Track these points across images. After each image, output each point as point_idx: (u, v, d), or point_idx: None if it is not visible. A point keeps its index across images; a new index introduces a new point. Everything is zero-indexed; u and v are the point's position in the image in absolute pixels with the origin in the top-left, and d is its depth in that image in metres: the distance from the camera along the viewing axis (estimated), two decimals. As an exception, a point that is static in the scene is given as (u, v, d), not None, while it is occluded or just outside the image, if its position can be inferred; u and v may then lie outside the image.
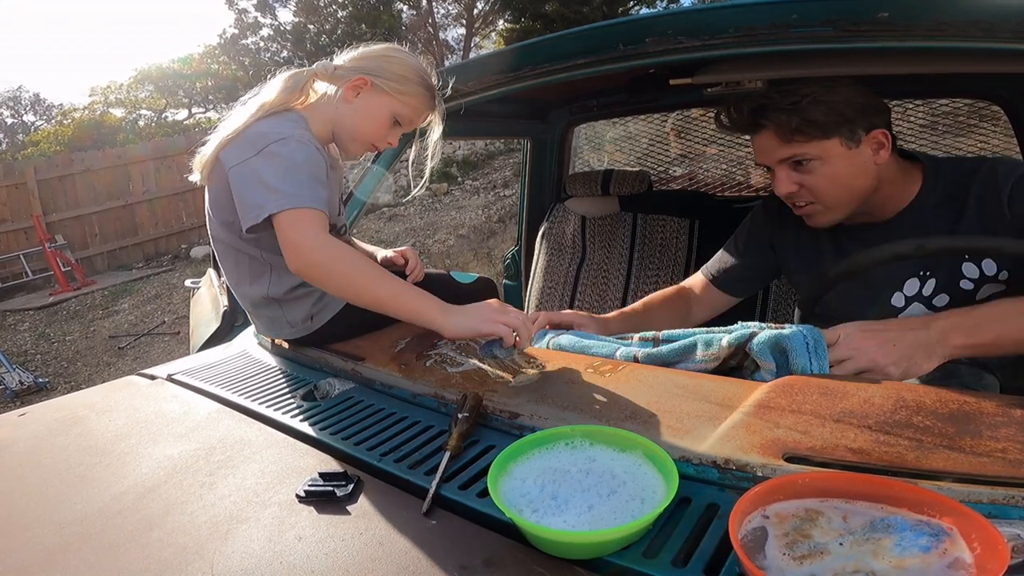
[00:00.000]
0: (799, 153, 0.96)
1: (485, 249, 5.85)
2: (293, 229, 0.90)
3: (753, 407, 0.68)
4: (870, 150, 0.96)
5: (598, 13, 11.25)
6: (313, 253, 0.89)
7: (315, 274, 0.91)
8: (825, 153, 0.95)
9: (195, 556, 0.56)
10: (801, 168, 0.97)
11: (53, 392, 4.33)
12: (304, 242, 0.89)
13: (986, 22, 0.71)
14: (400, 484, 0.66)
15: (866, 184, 0.97)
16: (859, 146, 0.95)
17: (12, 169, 8.10)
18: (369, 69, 1.04)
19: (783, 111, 0.94)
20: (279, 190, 0.90)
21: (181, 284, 6.64)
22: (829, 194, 0.98)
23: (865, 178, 0.97)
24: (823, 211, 1.01)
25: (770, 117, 0.96)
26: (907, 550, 0.44)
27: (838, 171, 0.95)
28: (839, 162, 0.95)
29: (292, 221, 0.90)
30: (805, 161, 0.96)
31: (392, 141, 1.10)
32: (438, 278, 1.33)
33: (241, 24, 14.86)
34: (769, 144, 0.98)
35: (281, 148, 0.93)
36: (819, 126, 0.93)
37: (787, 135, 0.95)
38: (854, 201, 0.99)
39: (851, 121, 0.93)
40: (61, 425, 0.91)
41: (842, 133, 0.94)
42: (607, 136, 2.51)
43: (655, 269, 1.81)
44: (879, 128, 0.95)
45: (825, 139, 0.94)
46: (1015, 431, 0.57)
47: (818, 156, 0.95)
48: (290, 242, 0.90)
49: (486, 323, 0.87)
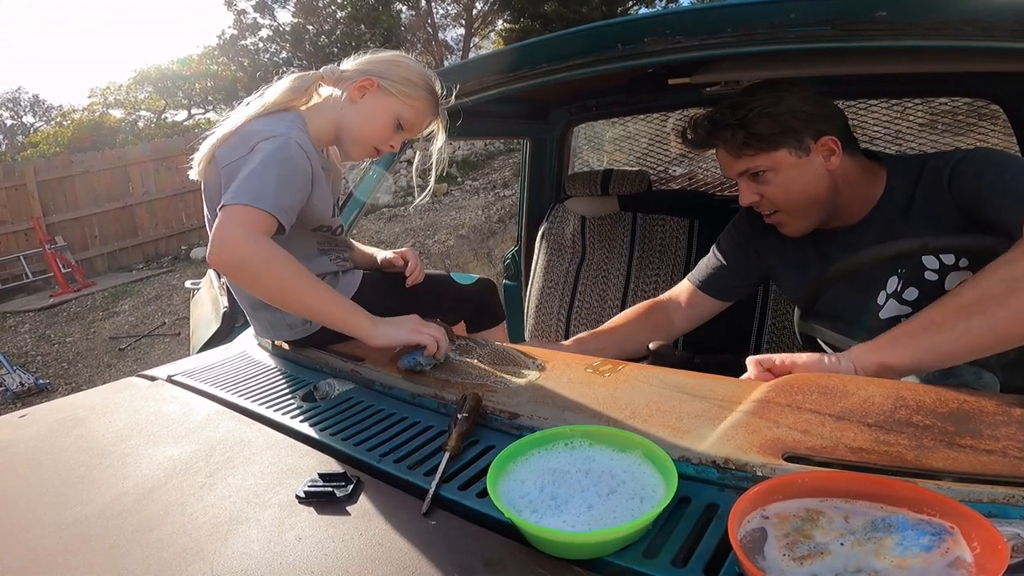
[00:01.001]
0: (751, 166, 1.00)
1: (485, 249, 5.85)
2: (228, 223, 0.86)
3: (753, 406, 0.68)
4: (821, 157, 0.99)
5: (597, 13, 11.25)
6: (242, 250, 0.86)
7: (240, 272, 0.89)
8: (775, 163, 0.98)
9: (195, 557, 0.56)
10: (758, 179, 1.01)
11: (54, 393, 4.34)
12: (234, 238, 0.86)
13: (984, 21, 0.71)
14: (400, 485, 0.66)
15: (822, 190, 1.00)
16: (808, 154, 0.98)
17: (12, 170, 8.10)
18: (376, 71, 1.05)
19: (730, 127, 0.98)
20: (241, 184, 0.89)
21: (181, 285, 6.64)
22: (787, 202, 1.01)
23: (819, 184, 1.00)
24: (789, 220, 1.04)
25: (719, 135, 1.00)
26: (909, 549, 0.44)
27: (791, 180, 0.99)
28: (791, 171, 0.98)
29: (232, 215, 0.87)
30: (760, 172, 1.00)
31: (395, 145, 1.10)
32: (438, 279, 1.33)
33: (240, 25, 14.86)
34: (725, 159, 1.03)
35: (267, 145, 0.93)
36: (765, 139, 0.97)
37: (736, 150, 1.00)
38: (815, 207, 1.02)
39: (797, 131, 0.97)
40: (61, 426, 0.91)
41: (789, 143, 0.97)
42: (607, 136, 2.50)
43: (655, 269, 1.81)
44: (828, 135, 0.98)
45: (773, 150, 0.98)
46: (1015, 430, 0.57)
47: (770, 167, 0.99)
48: (218, 235, 0.86)
49: (411, 333, 0.91)
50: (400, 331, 0.92)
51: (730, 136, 0.99)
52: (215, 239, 0.87)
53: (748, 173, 1.01)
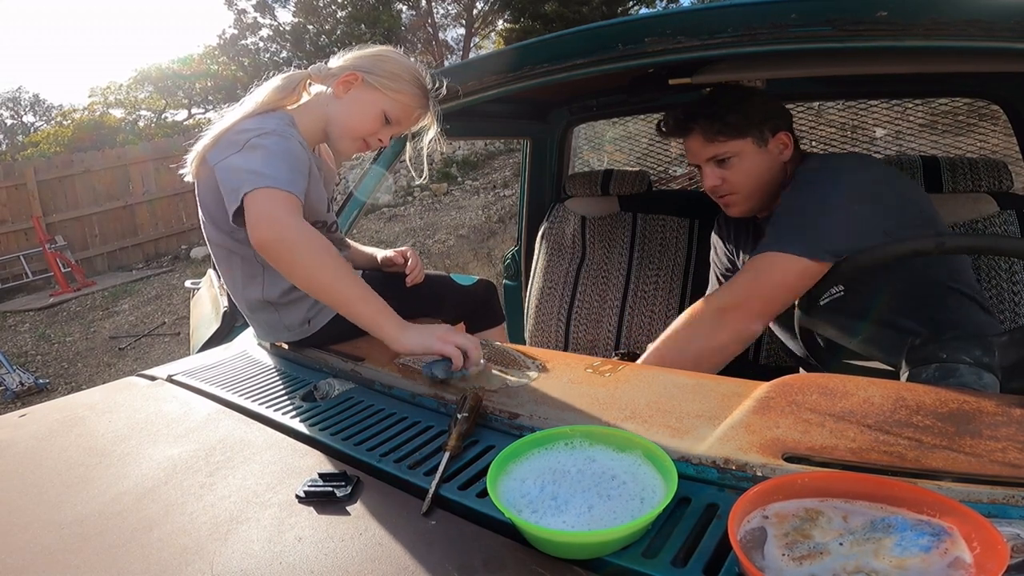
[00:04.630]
0: (721, 152, 1.12)
1: (485, 249, 5.85)
2: (264, 205, 0.86)
3: (753, 407, 0.68)
4: (776, 149, 1.14)
5: (597, 13, 11.24)
6: (285, 229, 0.85)
7: (281, 252, 0.87)
8: (741, 150, 1.12)
9: (195, 556, 0.56)
10: (723, 165, 1.14)
11: (53, 393, 4.33)
12: (276, 216, 0.86)
13: (984, 21, 0.71)
14: (400, 484, 0.66)
15: (774, 178, 1.15)
16: (767, 146, 1.13)
17: (12, 170, 8.09)
18: (361, 66, 1.05)
19: (706, 116, 1.12)
20: (257, 172, 0.89)
21: (181, 285, 6.64)
22: (745, 186, 1.15)
23: (772, 172, 1.14)
24: (739, 200, 1.17)
25: (697, 121, 1.13)
26: (908, 550, 0.44)
27: (752, 166, 1.13)
28: (753, 158, 1.13)
29: (266, 197, 0.87)
30: (727, 159, 1.13)
31: (384, 139, 1.09)
32: (438, 280, 1.33)
33: (240, 24, 14.87)
34: (696, 144, 1.15)
35: (262, 140, 0.93)
36: (735, 127, 1.10)
37: (710, 136, 1.12)
38: (763, 192, 1.16)
39: (760, 124, 1.11)
40: (61, 426, 0.91)
41: (753, 134, 1.11)
42: (607, 136, 2.50)
43: (655, 269, 1.81)
44: (783, 130, 1.14)
45: (741, 139, 1.11)
46: (1015, 431, 0.57)
47: (736, 153, 1.12)
48: (262, 215, 0.86)
49: (438, 342, 0.86)
50: (427, 339, 0.87)
51: (707, 124, 1.11)
52: (257, 220, 0.85)
53: (715, 159, 1.14)
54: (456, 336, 0.87)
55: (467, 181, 8.47)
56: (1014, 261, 1.31)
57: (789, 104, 1.86)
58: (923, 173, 1.35)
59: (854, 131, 1.96)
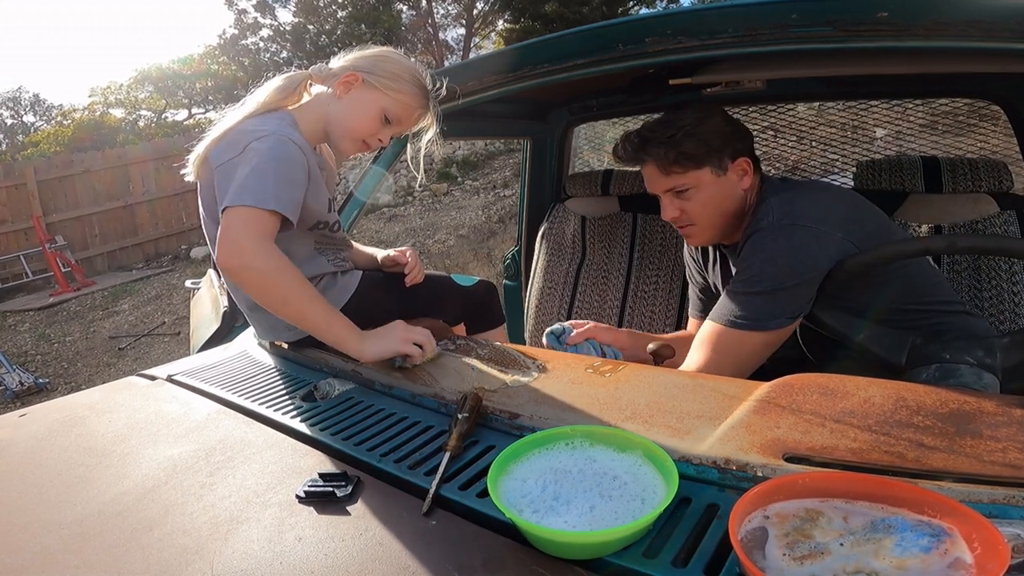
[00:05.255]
0: (678, 184, 1.07)
1: (485, 249, 5.85)
2: (238, 226, 0.89)
3: (753, 407, 0.68)
4: (736, 176, 1.07)
5: (597, 13, 11.25)
6: (255, 257, 0.89)
7: (251, 278, 0.91)
8: (699, 181, 1.06)
9: (195, 557, 0.56)
10: (681, 196, 1.08)
11: (53, 393, 4.33)
12: (247, 244, 0.88)
13: (985, 22, 0.71)
14: (400, 484, 0.66)
15: (734, 207, 1.09)
16: (726, 173, 1.06)
17: (12, 170, 8.10)
18: (361, 67, 1.06)
19: (662, 145, 1.05)
20: (243, 185, 0.90)
21: (181, 285, 6.64)
22: (703, 217, 1.09)
23: (732, 201, 1.08)
24: (698, 231, 1.12)
25: (650, 152, 1.06)
26: (908, 550, 0.44)
27: (711, 196, 1.07)
28: (711, 188, 1.06)
29: (241, 218, 0.89)
30: (685, 190, 1.07)
31: (384, 139, 1.10)
32: (439, 280, 1.32)
33: (241, 24, 14.87)
34: (652, 175, 1.09)
35: (260, 144, 0.94)
36: (692, 157, 1.04)
37: (666, 167, 1.06)
38: (723, 223, 1.10)
39: (718, 151, 1.05)
40: (61, 426, 0.91)
41: (711, 162, 1.05)
42: (607, 136, 2.50)
43: (655, 269, 1.81)
44: (743, 155, 1.07)
45: (698, 169, 1.05)
46: (1015, 431, 0.57)
47: (694, 184, 1.06)
48: (231, 238, 0.88)
49: (398, 343, 0.95)
50: (388, 344, 0.95)
51: (662, 154, 1.05)
52: (223, 242, 0.89)
53: (673, 190, 1.08)
54: (411, 333, 0.96)
55: (467, 181, 8.47)
56: (1014, 261, 1.31)
57: (789, 104, 1.88)
58: (923, 173, 1.35)
59: (854, 131, 1.96)
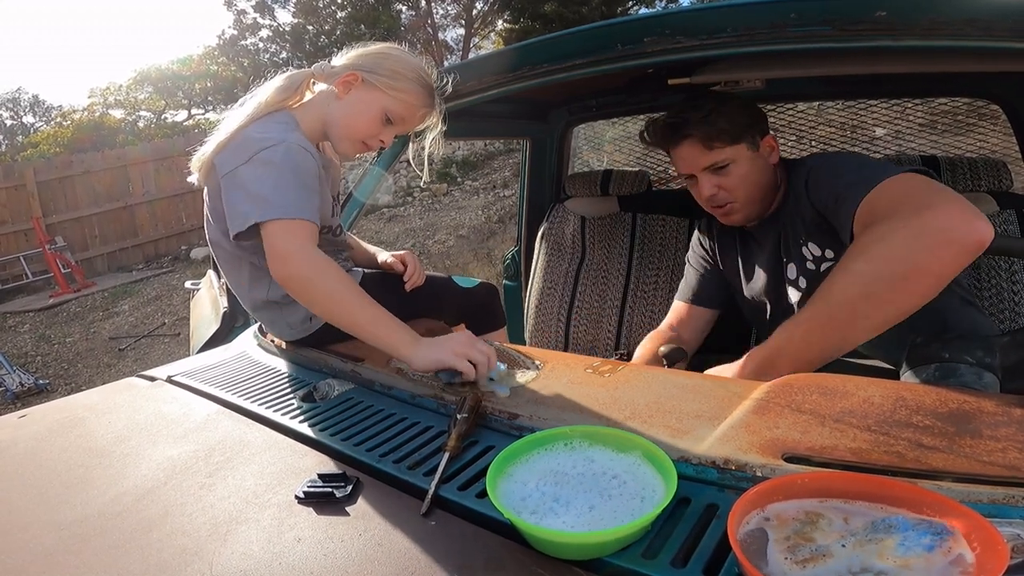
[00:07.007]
0: (719, 159, 1.09)
1: (485, 249, 5.85)
2: (282, 239, 0.91)
3: (753, 407, 0.68)
4: (766, 153, 1.12)
5: (597, 13, 11.24)
6: (301, 266, 0.90)
7: (299, 286, 0.92)
8: (738, 155, 1.09)
9: (194, 557, 0.56)
10: (720, 172, 1.11)
11: (53, 394, 4.34)
12: (293, 253, 0.90)
13: (983, 21, 0.71)
14: (399, 485, 0.66)
15: (768, 181, 1.13)
16: (759, 149, 1.11)
17: (12, 171, 8.09)
18: (362, 65, 1.03)
19: (701, 122, 1.08)
20: (267, 199, 0.90)
21: (181, 285, 6.64)
22: (742, 191, 1.12)
23: (766, 175, 1.12)
24: (739, 208, 1.14)
25: (692, 128, 1.09)
26: (911, 549, 0.44)
27: (748, 171, 1.11)
28: (748, 163, 1.10)
29: (281, 231, 0.91)
30: (724, 165, 1.10)
31: (385, 140, 1.07)
32: (440, 282, 1.32)
33: (240, 25, 14.85)
34: (692, 153, 1.11)
35: (271, 156, 0.93)
36: (730, 133, 1.08)
37: (708, 142, 1.09)
38: (760, 197, 1.13)
39: (749, 127, 1.10)
40: (61, 427, 0.91)
41: (746, 139, 1.10)
42: (607, 136, 2.50)
43: (655, 269, 1.81)
44: (767, 134, 1.13)
45: (736, 144, 1.09)
46: (1015, 431, 0.57)
47: (733, 159, 1.09)
48: (278, 252, 0.91)
49: (451, 356, 0.85)
50: (441, 354, 0.85)
51: (704, 130, 1.08)
52: (276, 254, 0.91)
53: (712, 167, 1.10)
54: (471, 349, 0.85)
55: (467, 181, 8.47)
56: (1014, 261, 1.31)
57: (789, 104, 1.88)
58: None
59: (854, 131, 1.96)
